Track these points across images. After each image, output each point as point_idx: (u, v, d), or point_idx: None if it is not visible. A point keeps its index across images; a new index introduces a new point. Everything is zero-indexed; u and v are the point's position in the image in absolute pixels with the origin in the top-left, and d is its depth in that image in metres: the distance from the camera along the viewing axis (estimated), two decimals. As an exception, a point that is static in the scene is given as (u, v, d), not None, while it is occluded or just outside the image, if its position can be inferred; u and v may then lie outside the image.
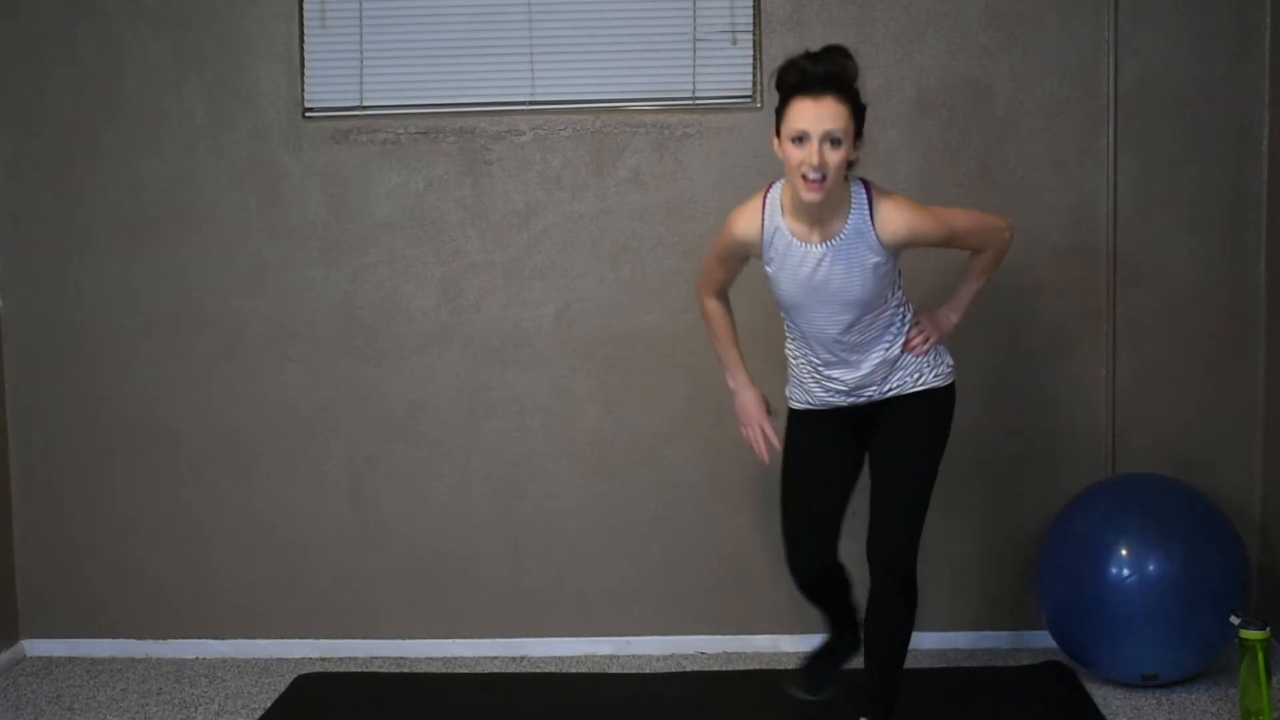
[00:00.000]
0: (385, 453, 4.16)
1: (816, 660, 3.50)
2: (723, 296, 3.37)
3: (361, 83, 4.09)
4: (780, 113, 2.98)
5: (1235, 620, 3.45)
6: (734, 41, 4.03)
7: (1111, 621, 3.60)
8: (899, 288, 3.19)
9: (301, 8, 4.06)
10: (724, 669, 3.93)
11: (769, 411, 3.35)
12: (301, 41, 4.07)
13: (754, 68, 4.02)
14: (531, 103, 4.07)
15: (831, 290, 3.07)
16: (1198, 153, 3.99)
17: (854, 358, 3.15)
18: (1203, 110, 3.98)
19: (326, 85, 4.09)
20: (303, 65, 4.08)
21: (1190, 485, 3.81)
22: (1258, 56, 3.96)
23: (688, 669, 4.00)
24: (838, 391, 3.20)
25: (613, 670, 4.05)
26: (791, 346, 3.28)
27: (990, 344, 4.05)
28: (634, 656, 4.15)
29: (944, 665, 3.99)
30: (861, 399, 3.20)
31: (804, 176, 2.93)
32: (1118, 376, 4.04)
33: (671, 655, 4.13)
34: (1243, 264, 4.02)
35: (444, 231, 4.11)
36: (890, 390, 3.19)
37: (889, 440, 3.21)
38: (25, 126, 4.12)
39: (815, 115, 2.90)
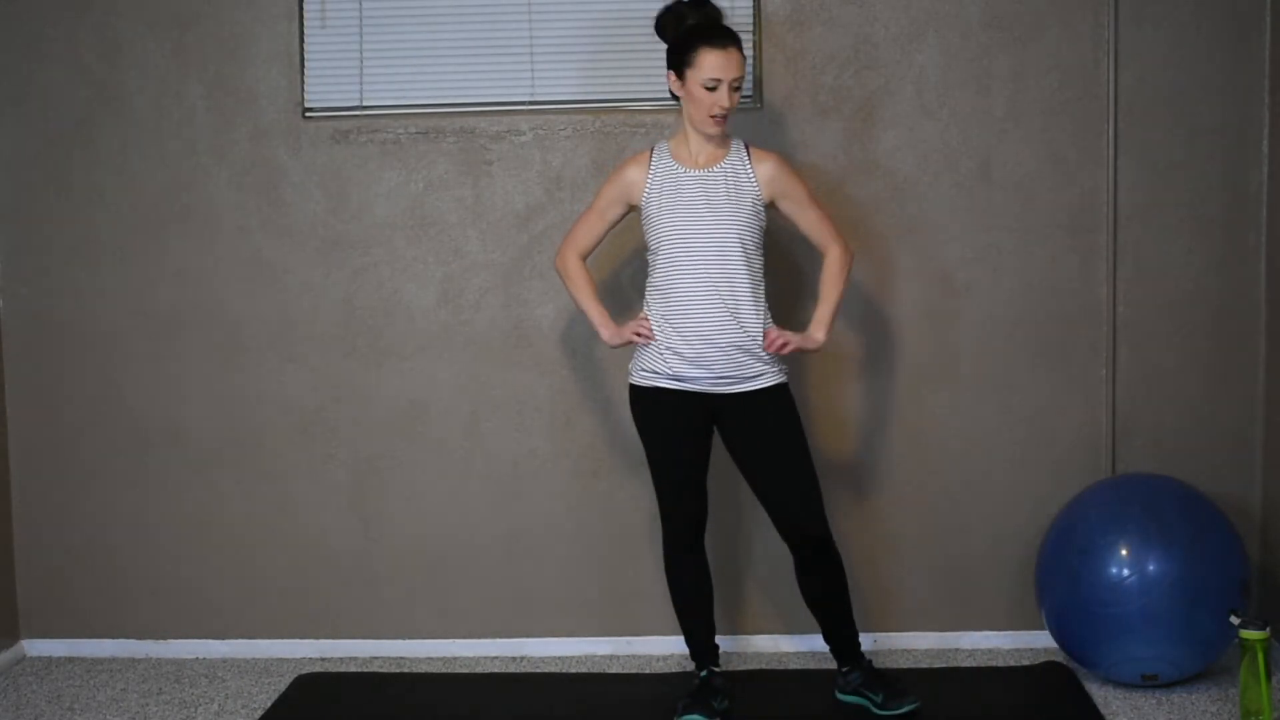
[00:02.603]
0: (385, 453, 4.16)
1: (704, 693, 3.64)
2: (584, 259, 3.67)
3: (361, 83, 4.09)
4: (686, 58, 3.44)
5: (1235, 620, 3.45)
6: (734, 41, 4.02)
7: (1111, 621, 3.60)
8: (762, 254, 3.54)
9: (301, 8, 4.06)
10: (724, 669, 3.92)
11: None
12: (301, 41, 4.07)
13: (754, 68, 4.02)
14: (531, 103, 4.07)
15: (713, 211, 3.47)
16: (1198, 153, 3.99)
17: (724, 300, 3.45)
18: (1203, 110, 3.98)
19: (326, 85, 4.09)
20: (303, 65, 4.08)
21: (1190, 485, 3.81)
22: (1258, 56, 3.96)
23: (687, 669, 4.00)
24: (699, 351, 3.46)
25: (613, 670, 4.05)
26: (658, 302, 3.52)
27: (990, 344, 4.05)
28: (634, 656, 4.15)
29: (944, 665, 3.99)
30: (705, 379, 3.48)
31: (712, 115, 3.43)
32: (1118, 376, 4.04)
33: (671, 655, 4.13)
34: (1243, 264, 4.02)
35: (444, 231, 4.11)
36: (733, 385, 3.49)
37: (764, 431, 3.52)
38: (25, 126, 4.12)
39: (725, 66, 3.41)
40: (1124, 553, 3.60)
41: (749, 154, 3.54)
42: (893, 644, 4.12)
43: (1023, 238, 4.03)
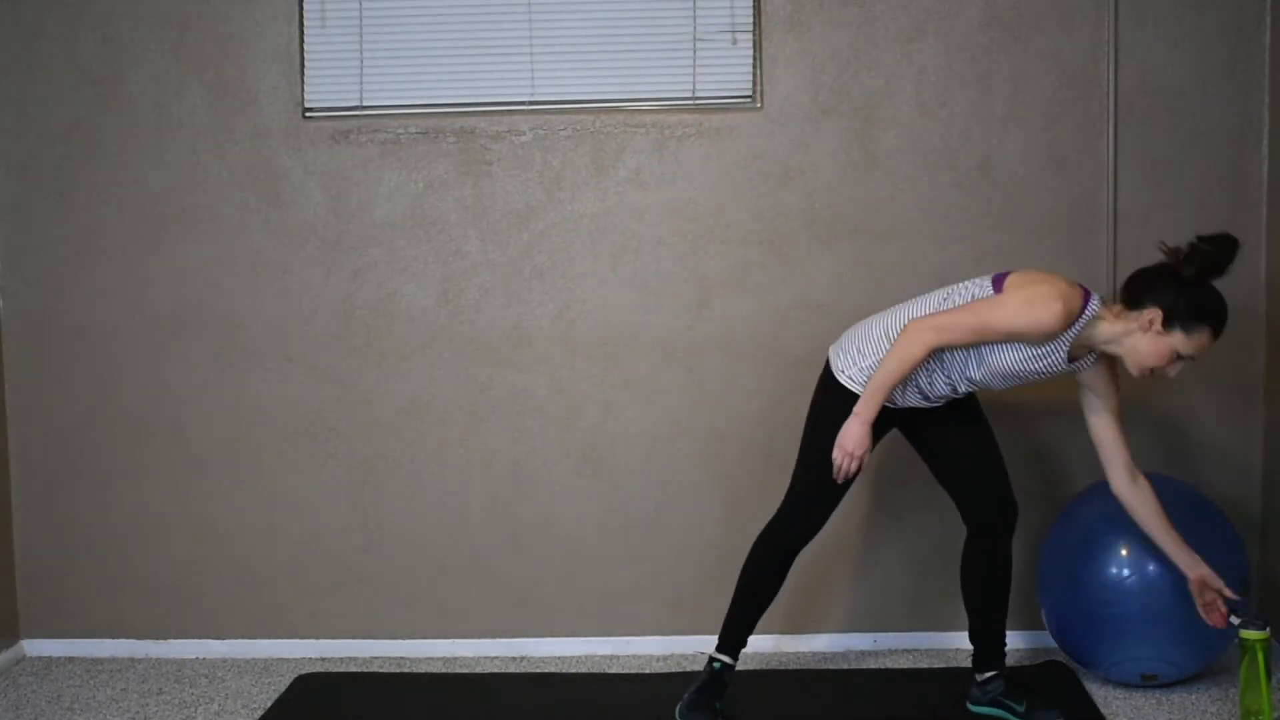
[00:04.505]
0: (385, 453, 4.16)
1: (709, 692, 3.58)
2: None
3: (361, 83, 4.09)
4: (1189, 324, 3.23)
5: (1235, 620, 3.44)
6: (734, 41, 4.03)
7: (1111, 621, 3.60)
8: None
9: (301, 8, 4.07)
10: (724, 669, 3.93)
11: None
12: (301, 41, 4.07)
13: (754, 68, 4.02)
14: (531, 103, 4.07)
15: (1041, 383, 3.43)
16: (1198, 153, 3.99)
17: (959, 394, 3.48)
18: (1203, 110, 3.98)
19: (326, 85, 4.09)
20: (303, 65, 4.08)
21: (1190, 485, 3.81)
22: (1258, 56, 3.96)
23: (688, 669, 4.00)
24: (922, 400, 3.46)
25: (613, 670, 4.05)
26: (929, 369, 3.39)
27: (990, 344, 4.06)
28: (634, 656, 4.15)
29: (944, 665, 3.99)
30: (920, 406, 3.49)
31: (1150, 369, 3.29)
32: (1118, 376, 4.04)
33: (671, 655, 4.13)
34: (1243, 264, 4.01)
35: (444, 231, 4.11)
36: None
37: (965, 419, 3.54)
38: (25, 126, 4.12)
39: (1205, 352, 3.27)
40: (1124, 553, 3.60)
41: (1096, 357, 3.41)
42: (893, 644, 4.13)
43: (1023, 238, 4.03)
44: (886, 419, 3.47)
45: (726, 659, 3.62)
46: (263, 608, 4.21)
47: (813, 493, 3.51)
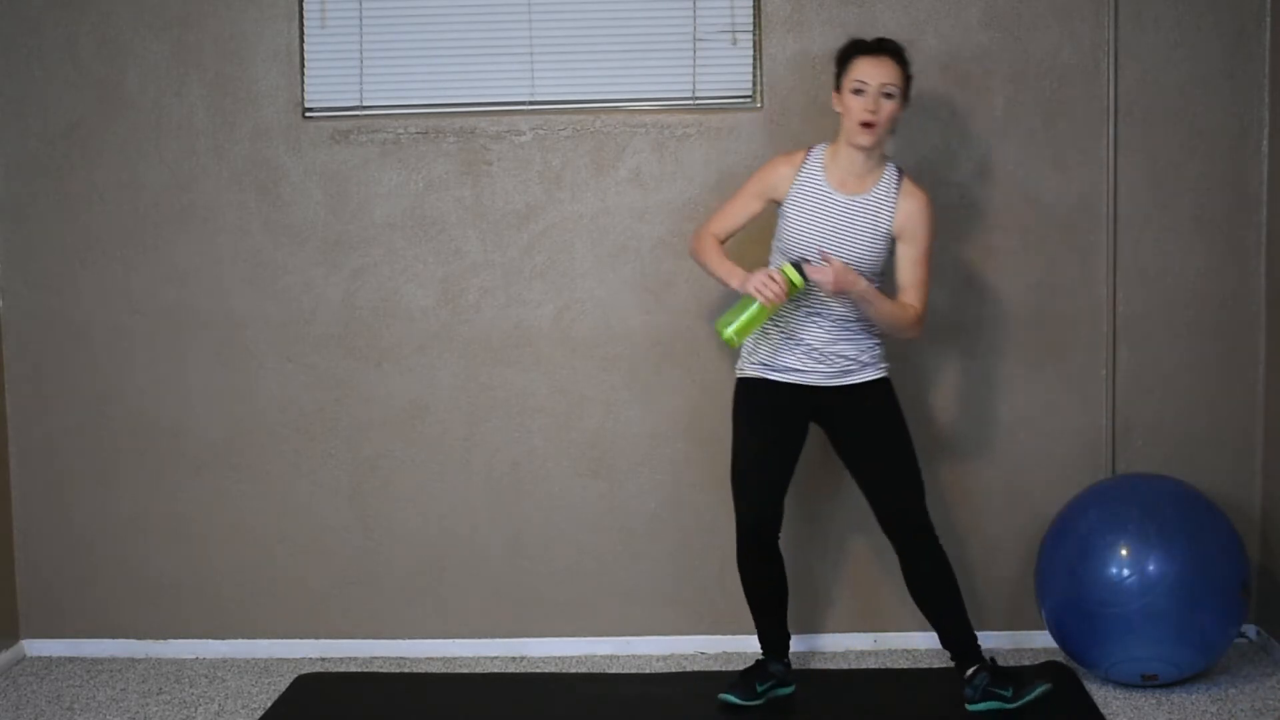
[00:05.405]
0: (385, 453, 4.16)
1: (751, 674, 3.70)
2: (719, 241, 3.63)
3: (361, 83, 4.09)
4: (842, 69, 3.49)
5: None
6: (734, 41, 4.03)
7: (1111, 621, 3.60)
8: (879, 279, 3.55)
9: (301, 8, 4.06)
10: (724, 669, 3.93)
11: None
12: (301, 41, 4.07)
13: (754, 68, 4.02)
14: (531, 103, 4.07)
15: (840, 241, 3.46)
16: (1198, 153, 3.99)
17: (827, 320, 3.50)
18: (1203, 110, 3.98)
19: (326, 85, 4.09)
20: (303, 65, 4.08)
21: (1190, 485, 3.81)
22: (1258, 56, 3.96)
23: (688, 669, 4.00)
24: (800, 354, 3.52)
25: (613, 670, 4.05)
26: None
27: (990, 344, 4.05)
28: (634, 656, 4.15)
29: (944, 665, 3.99)
30: (811, 374, 3.53)
31: (860, 122, 3.40)
32: (1118, 376, 4.05)
33: (671, 655, 4.13)
34: (1243, 264, 4.02)
35: (444, 231, 4.11)
36: (837, 379, 3.54)
37: (867, 427, 3.57)
38: (25, 126, 4.12)
39: (875, 70, 3.42)
40: (1124, 553, 3.60)
41: (899, 184, 3.52)
42: (893, 644, 4.13)
43: (1023, 238, 4.03)
44: (806, 409, 3.57)
45: (767, 657, 3.75)
46: (263, 608, 4.21)
47: (738, 482, 3.61)
